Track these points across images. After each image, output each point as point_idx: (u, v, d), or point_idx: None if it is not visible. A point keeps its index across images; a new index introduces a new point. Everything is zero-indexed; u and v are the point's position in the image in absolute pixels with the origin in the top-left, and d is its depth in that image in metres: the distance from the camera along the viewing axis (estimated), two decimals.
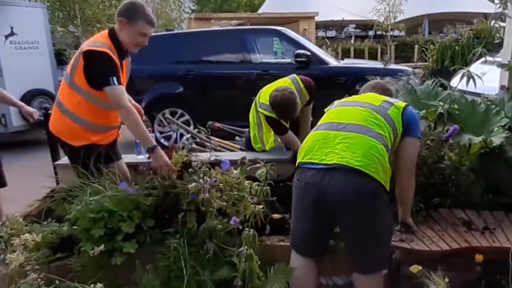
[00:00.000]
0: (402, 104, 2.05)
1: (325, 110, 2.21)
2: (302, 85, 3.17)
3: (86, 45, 2.32)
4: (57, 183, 2.85)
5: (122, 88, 2.31)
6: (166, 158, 2.25)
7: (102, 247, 1.92)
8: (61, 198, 2.25)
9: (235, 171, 2.22)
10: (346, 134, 1.88)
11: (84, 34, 11.05)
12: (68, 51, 11.61)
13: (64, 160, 2.98)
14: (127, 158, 2.91)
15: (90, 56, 2.25)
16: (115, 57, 2.29)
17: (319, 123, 2.09)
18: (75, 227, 2.09)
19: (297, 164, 1.97)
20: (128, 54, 2.50)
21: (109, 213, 2.03)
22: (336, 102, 2.21)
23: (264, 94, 3.14)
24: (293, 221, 2.03)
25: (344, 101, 2.18)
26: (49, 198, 2.52)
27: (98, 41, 2.33)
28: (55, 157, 3.38)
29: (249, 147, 3.49)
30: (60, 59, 12.26)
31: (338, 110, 2.08)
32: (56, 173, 3.07)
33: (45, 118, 3.41)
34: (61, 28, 11.36)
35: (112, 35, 2.35)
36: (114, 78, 2.23)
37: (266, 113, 3.10)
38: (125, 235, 2.02)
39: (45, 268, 1.96)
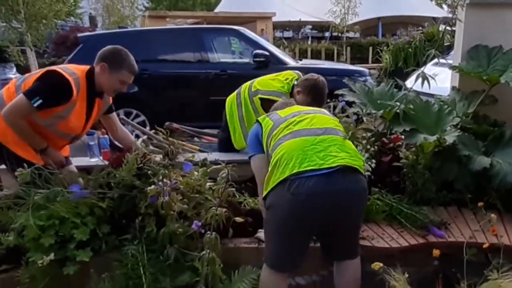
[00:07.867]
0: None
1: (263, 117, 2.09)
2: None
3: (54, 67, 2.32)
4: (0, 189, 2.64)
5: (29, 110, 2.14)
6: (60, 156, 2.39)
7: (52, 256, 1.81)
8: (5, 205, 2.09)
9: (196, 173, 2.16)
10: (331, 137, 1.87)
11: (29, 31, 10.38)
12: (11, 48, 10.91)
13: None
14: (80, 161, 2.76)
15: (48, 74, 2.20)
16: (75, 91, 2.20)
17: (283, 133, 1.91)
18: (22, 236, 1.94)
19: (284, 177, 1.74)
20: (103, 95, 2.46)
21: (60, 220, 1.91)
22: (282, 113, 2.05)
23: (263, 85, 3.09)
24: (280, 244, 1.84)
25: (297, 110, 2.08)
26: None
27: (70, 68, 2.29)
28: None
29: (225, 148, 3.37)
30: (2, 56, 11.46)
31: (303, 118, 1.97)
32: None
33: None
34: (3, 24, 10.60)
35: (90, 75, 2.32)
36: (39, 101, 2.09)
37: (272, 97, 2.92)
38: (79, 243, 1.92)
39: None
